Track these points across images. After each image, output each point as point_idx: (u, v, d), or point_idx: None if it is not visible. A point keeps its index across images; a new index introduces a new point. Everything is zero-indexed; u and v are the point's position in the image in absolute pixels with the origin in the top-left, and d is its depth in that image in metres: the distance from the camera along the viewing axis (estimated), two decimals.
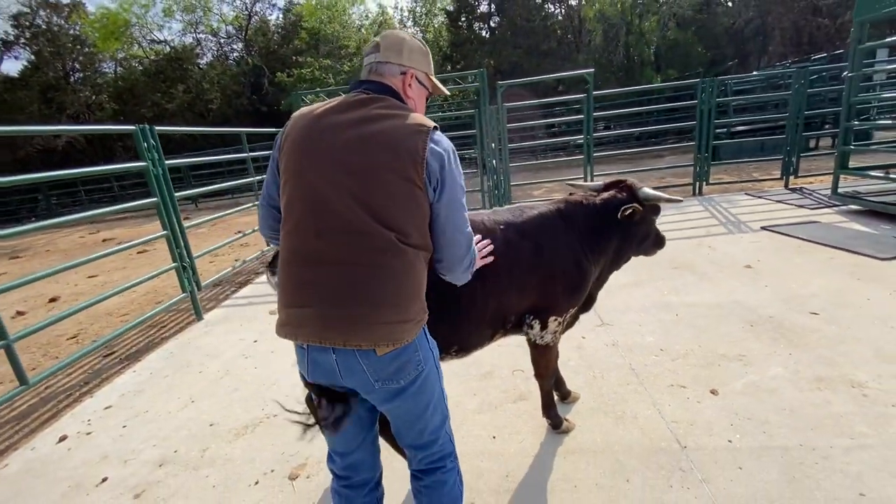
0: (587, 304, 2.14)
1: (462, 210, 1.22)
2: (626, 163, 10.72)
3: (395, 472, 1.90)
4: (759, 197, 6.38)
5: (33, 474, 2.31)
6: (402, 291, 1.14)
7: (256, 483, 2.08)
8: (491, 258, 1.54)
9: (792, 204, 5.73)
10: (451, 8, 18.03)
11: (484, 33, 17.78)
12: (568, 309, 1.88)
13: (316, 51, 20.44)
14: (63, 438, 2.60)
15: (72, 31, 22.24)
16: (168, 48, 22.88)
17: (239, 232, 6.20)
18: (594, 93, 6.67)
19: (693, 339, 2.85)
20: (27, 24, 21.94)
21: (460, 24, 17.55)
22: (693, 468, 1.86)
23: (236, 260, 6.07)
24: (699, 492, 1.74)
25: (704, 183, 6.96)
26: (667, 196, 2.01)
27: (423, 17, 21.52)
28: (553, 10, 15.64)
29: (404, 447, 1.35)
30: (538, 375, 2.07)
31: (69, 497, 2.12)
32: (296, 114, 1.25)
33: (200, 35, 23.75)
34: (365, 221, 1.10)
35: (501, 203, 7.10)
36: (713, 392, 2.32)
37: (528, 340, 1.93)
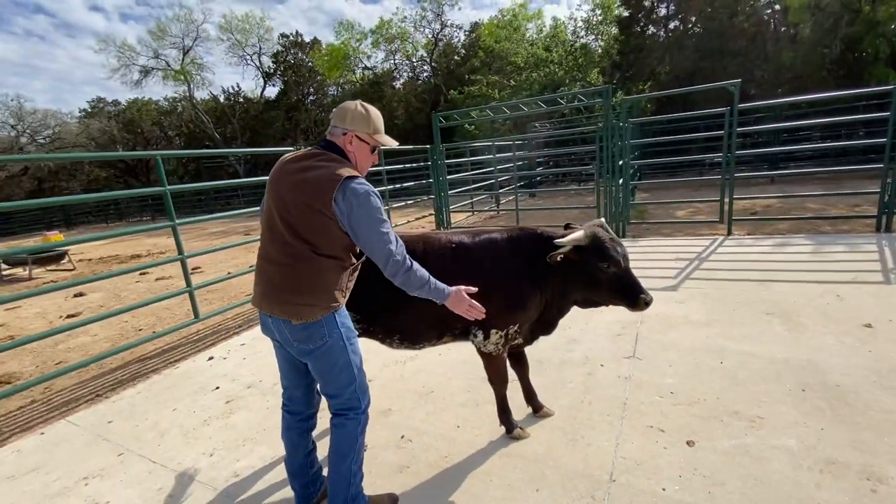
0: (545, 328, 2.29)
1: (371, 233, 1.67)
2: (793, 184, 8.76)
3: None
4: None
5: (186, 376, 3.60)
6: (311, 285, 1.69)
7: None
8: (480, 313, 1.83)
9: None
10: (626, 13, 17.08)
11: (660, 38, 16.31)
12: (508, 325, 2.12)
13: (489, 68, 21.89)
14: (210, 359, 3.90)
15: (309, 64, 28.69)
16: (372, 74, 27.51)
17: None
18: (739, 105, 5.85)
19: (716, 390, 2.60)
20: (282, 59, 29.18)
21: (633, 30, 16.49)
22: (605, 500, 1.90)
23: None
24: None
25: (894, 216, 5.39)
26: (562, 241, 2.02)
27: (597, 25, 20.88)
28: (745, 5, 13.41)
29: (322, 394, 1.89)
30: (490, 381, 2.33)
31: (194, 393, 3.28)
32: (282, 157, 1.91)
33: (397, 61, 27.86)
34: (291, 236, 1.69)
35: (619, 222, 6.81)
36: (689, 443, 2.19)
37: (476, 348, 2.23)
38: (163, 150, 27.14)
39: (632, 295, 2.02)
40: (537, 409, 2.54)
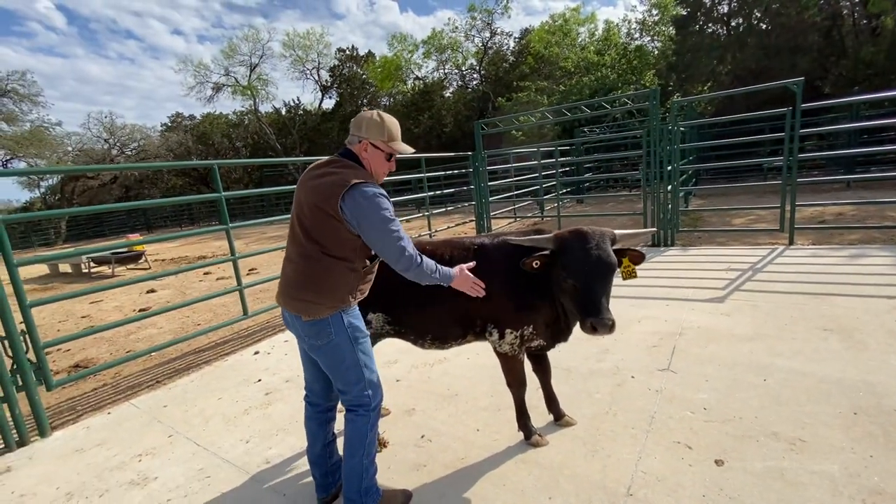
0: (561, 333, 2.26)
1: (380, 231, 1.76)
2: (871, 190, 7.90)
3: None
4: None
5: (233, 368, 3.89)
6: (318, 284, 1.80)
7: None
8: (482, 290, 1.95)
9: None
10: (684, 12, 16.29)
11: (721, 37, 15.36)
12: (520, 327, 2.13)
13: (538, 74, 21.71)
14: (256, 353, 4.18)
15: (363, 76, 29.84)
16: (422, 84, 28.14)
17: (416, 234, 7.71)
18: (802, 105, 5.43)
19: (755, 409, 2.43)
20: (338, 73, 30.56)
21: (691, 29, 15.67)
22: None
23: None
24: None
25: None
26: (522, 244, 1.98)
27: (653, 26, 20.10)
28: None
29: (335, 389, 1.99)
30: (507, 384, 2.34)
31: (238, 385, 3.54)
32: (310, 164, 2.06)
33: (448, 70, 28.31)
34: (304, 237, 1.82)
35: (667, 230, 6.51)
36: (717, 462, 2.07)
37: (492, 347, 2.25)
38: (230, 159, 29.15)
39: (583, 312, 1.78)
40: (559, 417, 2.50)
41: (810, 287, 4.21)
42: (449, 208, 8.41)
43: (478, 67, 26.82)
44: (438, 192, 8.38)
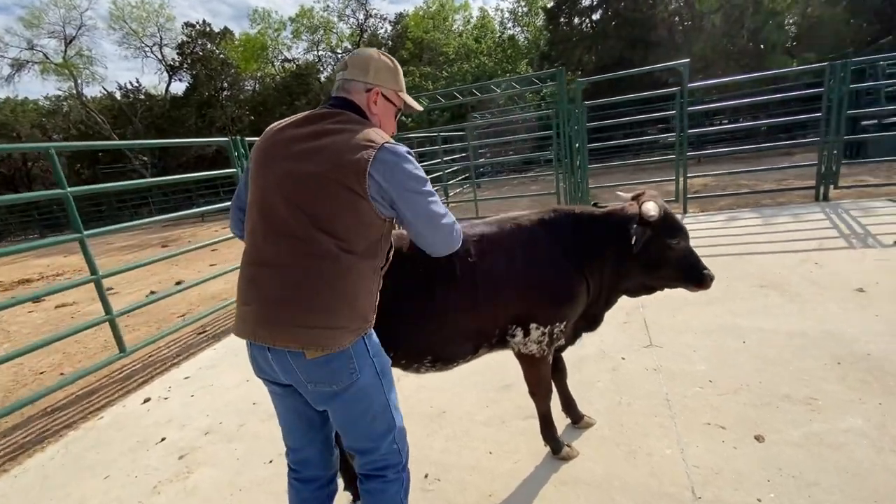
0: (590, 324, 1.96)
1: (425, 204, 1.22)
2: (735, 162, 9.40)
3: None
4: None
5: (116, 427, 2.82)
6: (334, 298, 1.18)
7: (270, 462, 2.29)
8: None
9: None
10: (550, 4, 17.49)
11: (585, 28, 16.91)
12: (554, 321, 1.74)
13: (419, 59, 21.43)
14: (147, 400, 3.12)
15: (221, 56, 26.30)
16: (295, 66, 25.85)
17: None
18: (689, 85, 5.96)
19: (754, 373, 2.42)
20: (188, 51, 26.48)
21: (560, 21, 16.93)
22: None
23: None
24: None
25: (832, 186, 5.80)
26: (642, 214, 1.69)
27: (524, 16, 21.23)
28: None
29: (346, 448, 1.38)
30: (531, 393, 1.95)
31: (134, 450, 2.55)
32: (268, 127, 1.36)
33: (321, 52, 26.43)
34: (306, 228, 1.17)
35: None
36: (758, 438, 1.96)
37: (515, 352, 1.82)
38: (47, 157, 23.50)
39: (699, 272, 1.77)
40: (577, 420, 2.19)
41: (723, 249, 4.60)
42: None
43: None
44: None
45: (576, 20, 17.03)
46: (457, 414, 2.46)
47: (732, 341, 2.79)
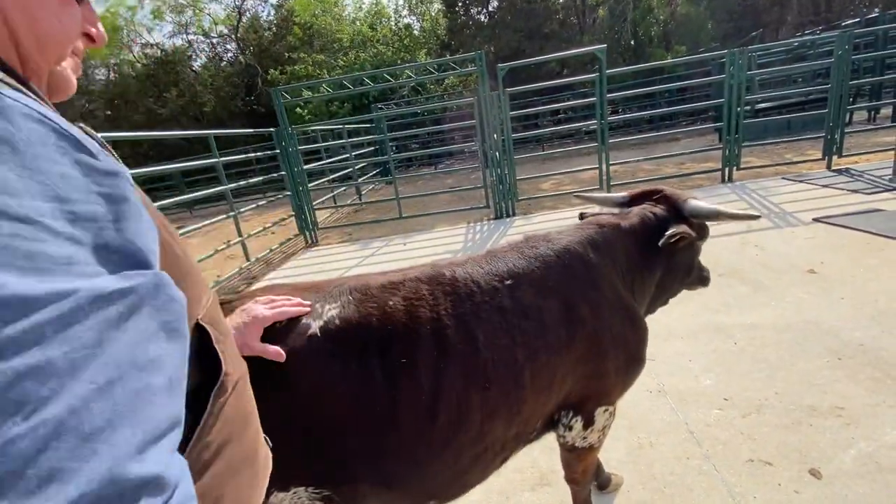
0: None
1: None
2: (640, 149, 9.95)
3: None
4: (801, 181, 5.62)
5: None
6: None
7: None
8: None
9: (842, 189, 4.98)
10: None
11: (483, 18, 16.94)
12: (622, 392, 1.24)
13: (310, 46, 19.75)
14: None
15: None
16: (159, 52, 22.34)
17: (226, 242, 5.64)
18: (607, 72, 5.93)
19: (766, 382, 2.18)
20: None
21: (457, 9, 16.73)
22: None
23: (218, 275, 5.49)
24: None
25: (735, 168, 6.21)
26: (732, 212, 1.36)
27: (419, 4, 20.68)
28: None
29: None
30: (571, 480, 1.43)
31: None
32: None
33: (192, 36, 23.19)
34: None
35: (507, 200, 6.41)
36: (814, 473, 1.66)
37: (563, 442, 1.28)
38: None
39: (701, 270, 1.63)
40: (605, 484, 1.73)
41: None
42: (262, 203, 6.46)
43: (232, 36, 22.75)
44: (244, 182, 6.32)
45: (473, 10, 16.94)
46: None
47: (723, 343, 2.57)
